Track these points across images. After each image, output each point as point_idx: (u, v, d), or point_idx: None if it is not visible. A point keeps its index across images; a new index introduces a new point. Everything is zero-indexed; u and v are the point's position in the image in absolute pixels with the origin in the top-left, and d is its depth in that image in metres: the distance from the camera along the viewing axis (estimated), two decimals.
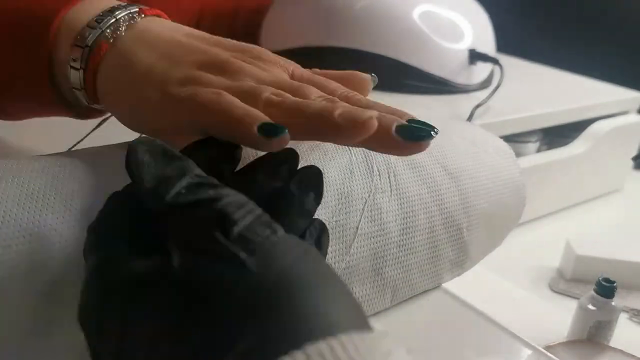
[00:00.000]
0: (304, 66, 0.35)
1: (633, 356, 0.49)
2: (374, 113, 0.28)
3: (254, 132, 0.27)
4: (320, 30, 0.78)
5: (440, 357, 0.35)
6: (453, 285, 0.41)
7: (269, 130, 0.28)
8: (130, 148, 0.25)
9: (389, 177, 0.37)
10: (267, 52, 0.34)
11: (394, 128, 0.28)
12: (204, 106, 0.29)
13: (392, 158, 0.38)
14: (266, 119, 0.28)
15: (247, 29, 0.89)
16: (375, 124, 0.27)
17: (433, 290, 0.40)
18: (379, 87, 0.36)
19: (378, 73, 0.36)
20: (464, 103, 0.75)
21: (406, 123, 0.28)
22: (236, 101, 0.29)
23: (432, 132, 0.28)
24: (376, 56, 0.76)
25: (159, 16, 0.36)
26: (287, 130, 0.28)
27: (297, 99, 0.30)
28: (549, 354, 0.36)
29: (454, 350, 0.36)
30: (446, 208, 0.39)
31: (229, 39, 0.35)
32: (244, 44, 0.34)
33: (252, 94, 0.30)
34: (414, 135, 0.28)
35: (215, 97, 0.29)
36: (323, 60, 0.76)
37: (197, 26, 0.31)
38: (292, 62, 0.35)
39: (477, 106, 0.71)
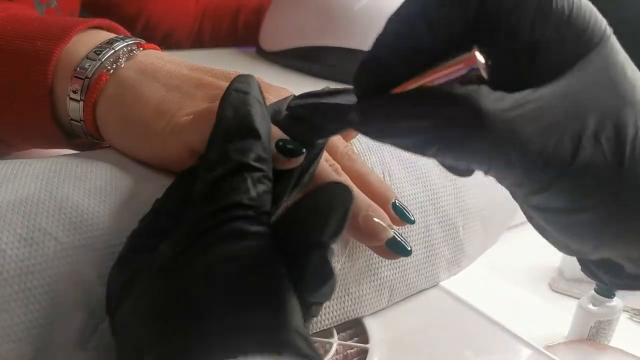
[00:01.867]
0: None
1: (633, 356, 0.48)
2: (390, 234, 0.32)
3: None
4: (319, 30, 0.78)
5: (440, 356, 0.35)
6: (453, 284, 0.41)
7: (284, 149, 0.27)
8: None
9: (383, 176, 0.37)
10: (270, 84, 0.34)
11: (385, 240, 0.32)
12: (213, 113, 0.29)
13: (387, 157, 0.38)
14: (285, 137, 0.28)
15: (247, 29, 0.90)
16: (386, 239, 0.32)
17: (433, 290, 0.40)
18: None
19: None
20: None
21: (396, 239, 0.32)
22: None
23: (407, 250, 0.33)
24: None
25: (154, 49, 0.36)
26: (304, 150, 0.28)
27: None
28: (549, 354, 0.36)
29: (453, 349, 0.36)
30: (441, 207, 0.39)
31: (234, 71, 0.34)
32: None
33: None
34: (396, 249, 0.32)
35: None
36: (323, 60, 0.76)
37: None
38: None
39: None
